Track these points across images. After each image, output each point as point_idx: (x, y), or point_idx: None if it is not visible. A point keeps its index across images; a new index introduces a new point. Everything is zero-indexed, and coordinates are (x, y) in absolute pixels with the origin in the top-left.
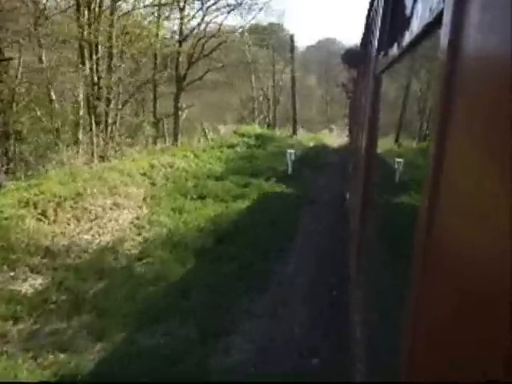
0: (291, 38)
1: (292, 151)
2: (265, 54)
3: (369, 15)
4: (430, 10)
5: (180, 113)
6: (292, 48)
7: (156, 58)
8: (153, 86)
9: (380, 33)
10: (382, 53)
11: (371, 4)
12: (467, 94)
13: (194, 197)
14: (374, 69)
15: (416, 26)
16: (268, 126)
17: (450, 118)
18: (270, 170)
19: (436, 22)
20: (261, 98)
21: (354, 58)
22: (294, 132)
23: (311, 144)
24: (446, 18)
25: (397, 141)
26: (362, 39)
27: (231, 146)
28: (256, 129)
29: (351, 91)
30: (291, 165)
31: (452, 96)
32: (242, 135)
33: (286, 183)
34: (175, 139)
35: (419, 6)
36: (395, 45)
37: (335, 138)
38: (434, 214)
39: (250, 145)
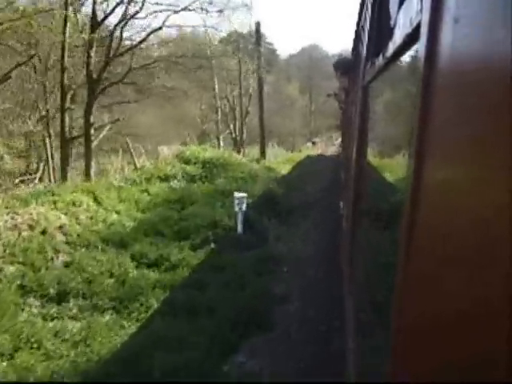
0: (256, 26)
1: (242, 196)
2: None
3: (358, 25)
4: (410, 21)
5: (94, 131)
6: (257, 39)
7: (63, 52)
8: (61, 94)
9: (367, 43)
10: (370, 63)
11: (360, 14)
12: (444, 105)
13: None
14: (362, 79)
15: (398, 36)
16: (235, 143)
17: (428, 128)
18: (210, 225)
19: (415, 33)
20: (228, 109)
21: (346, 66)
22: (263, 153)
23: (284, 170)
24: (423, 30)
25: (384, 150)
26: (353, 49)
27: (165, 179)
28: (205, 151)
29: (342, 101)
30: (242, 219)
31: (429, 107)
32: (186, 161)
33: (229, 257)
34: (87, 172)
35: (401, 16)
36: (381, 55)
37: (319, 152)
38: (416, 219)
39: (192, 176)
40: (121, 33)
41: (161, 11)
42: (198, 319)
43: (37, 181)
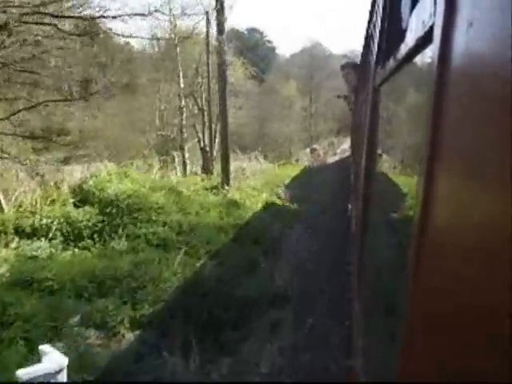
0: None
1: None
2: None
3: (368, 27)
4: (423, 24)
5: None
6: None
7: None
8: None
9: (378, 45)
10: (380, 65)
11: (370, 16)
12: (457, 109)
13: None
14: (372, 81)
15: (410, 39)
16: (203, 157)
17: (440, 132)
18: None
19: (427, 36)
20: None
21: (355, 68)
22: (226, 176)
23: (258, 204)
24: (436, 33)
25: (395, 153)
26: (363, 51)
27: (30, 234)
28: (119, 181)
29: (352, 102)
30: None
31: (442, 111)
32: (83, 199)
33: None
34: None
35: (413, 19)
36: (392, 58)
37: (318, 162)
38: (427, 227)
39: (78, 232)
40: None
41: None
42: None
43: None
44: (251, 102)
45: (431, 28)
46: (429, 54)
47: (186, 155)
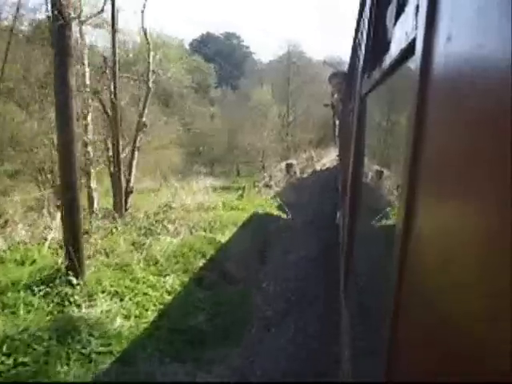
0: None
1: None
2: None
3: (356, 36)
4: (406, 35)
5: None
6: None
7: None
8: None
9: (365, 54)
10: (367, 74)
11: (357, 25)
12: (438, 118)
13: None
14: (359, 90)
15: (394, 50)
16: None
17: (422, 141)
18: None
19: (410, 48)
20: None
21: (342, 78)
22: (74, 264)
23: None
24: (418, 46)
25: (381, 160)
26: (350, 60)
27: None
28: None
29: (339, 112)
30: None
31: (424, 120)
32: None
33: None
34: None
35: (397, 31)
36: (377, 67)
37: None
38: (410, 233)
39: None
40: None
41: None
42: None
43: None
44: (225, 110)
45: (414, 40)
46: (412, 66)
47: (93, 185)
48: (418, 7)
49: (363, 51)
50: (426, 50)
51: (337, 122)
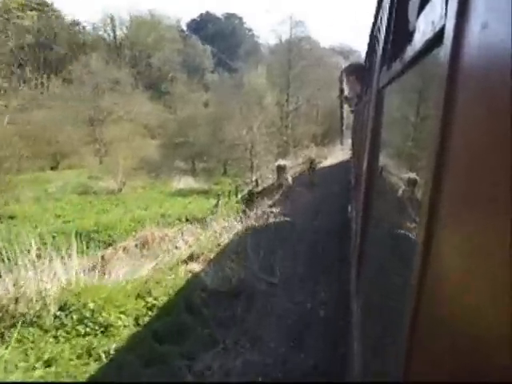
0: None
1: None
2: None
3: (373, 28)
4: (432, 25)
5: None
6: None
7: None
8: None
9: (383, 46)
10: (385, 67)
11: (375, 17)
12: (467, 113)
13: None
14: (376, 83)
15: (418, 41)
16: None
17: (449, 138)
18: None
19: (437, 38)
20: None
21: (359, 71)
22: None
23: None
24: (447, 35)
25: (399, 156)
26: (367, 52)
27: None
28: None
29: (355, 104)
30: None
31: (452, 115)
32: None
33: None
34: None
35: (422, 20)
36: (398, 59)
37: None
38: (431, 248)
39: None
40: None
41: None
42: None
43: None
44: (219, 96)
45: (442, 30)
46: (438, 56)
47: None
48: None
49: (382, 43)
50: (456, 39)
51: (344, 115)
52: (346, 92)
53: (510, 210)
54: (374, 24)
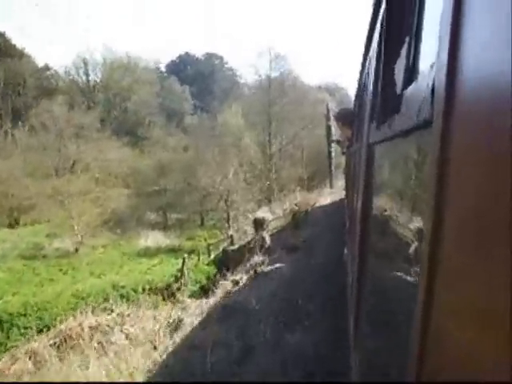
0: None
1: None
2: None
3: (362, 70)
4: (419, 108)
5: None
6: None
7: None
8: None
9: (372, 100)
10: (374, 124)
11: (363, 60)
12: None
13: None
14: (367, 137)
15: (406, 117)
16: None
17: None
18: None
19: (425, 124)
20: None
21: (349, 117)
22: None
23: None
24: (436, 119)
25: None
26: (356, 95)
27: None
28: None
29: (346, 147)
30: None
31: (444, 191)
32: None
33: None
34: None
35: (409, 96)
36: (387, 123)
37: None
38: (433, 296)
39: None
40: None
41: None
42: None
43: None
44: (199, 140)
45: (431, 111)
46: (427, 138)
47: None
48: (433, 86)
49: (370, 96)
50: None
51: (333, 154)
52: (337, 136)
53: (509, 264)
54: (362, 68)
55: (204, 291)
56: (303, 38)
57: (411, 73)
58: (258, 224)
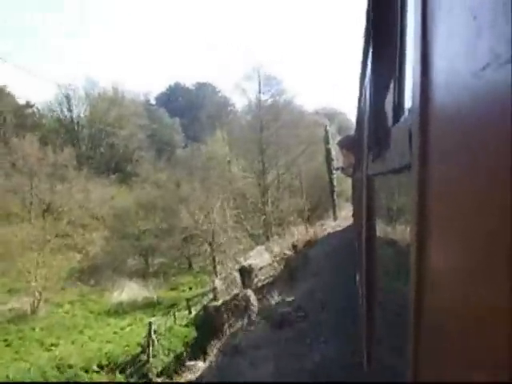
0: None
1: None
2: None
3: (360, 99)
4: (401, 153)
5: None
6: None
7: None
8: None
9: (368, 132)
10: (371, 156)
11: (361, 88)
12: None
13: None
14: (366, 168)
15: (393, 152)
16: None
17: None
18: None
19: (406, 166)
20: None
21: (352, 143)
22: None
23: None
24: (413, 162)
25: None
26: (356, 122)
27: None
28: None
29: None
30: None
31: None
32: None
33: None
34: None
35: (396, 133)
36: (380, 159)
37: None
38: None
39: None
40: None
41: None
42: None
43: None
44: (193, 173)
45: (410, 155)
46: (409, 178)
47: None
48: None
49: (366, 127)
50: (421, 167)
51: (335, 182)
52: (340, 163)
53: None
54: (360, 95)
55: (180, 362)
56: (297, 61)
57: (398, 109)
58: (245, 273)
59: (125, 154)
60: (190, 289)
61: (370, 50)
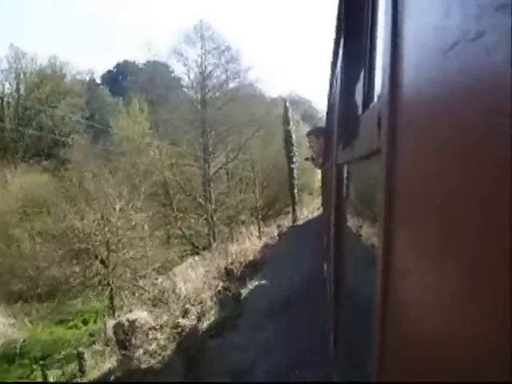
0: None
1: None
2: None
3: (330, 90)
4: (371, 134)
5: None
6: None
7: None
8: None
9: (338, 121)
10: (341, 146)
11: (331, 79)
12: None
13: None
14: (335, 157)
15: (362, 139)
16: None
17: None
18: None
19: (375, 152)
20: None
21: (320, 133)
22: None
23: None
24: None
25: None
26: (327, 112)
27: None
28: None
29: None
30: None
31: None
32: None
33: None
34: None
35: (364, 121)
36: (349, 147)
37: None
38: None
39: None
40: None
41: None
42: None
43: None
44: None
45: (378, 150)
46: (378, 165)
47: None
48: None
49: (337, 117)
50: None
51: (295, 174)
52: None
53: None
54: (331, 86)
55: None
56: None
57: (368, 98)
58: (121, 337)
59: (56, 138)
60: (86, 323)
61: (342, 39)
